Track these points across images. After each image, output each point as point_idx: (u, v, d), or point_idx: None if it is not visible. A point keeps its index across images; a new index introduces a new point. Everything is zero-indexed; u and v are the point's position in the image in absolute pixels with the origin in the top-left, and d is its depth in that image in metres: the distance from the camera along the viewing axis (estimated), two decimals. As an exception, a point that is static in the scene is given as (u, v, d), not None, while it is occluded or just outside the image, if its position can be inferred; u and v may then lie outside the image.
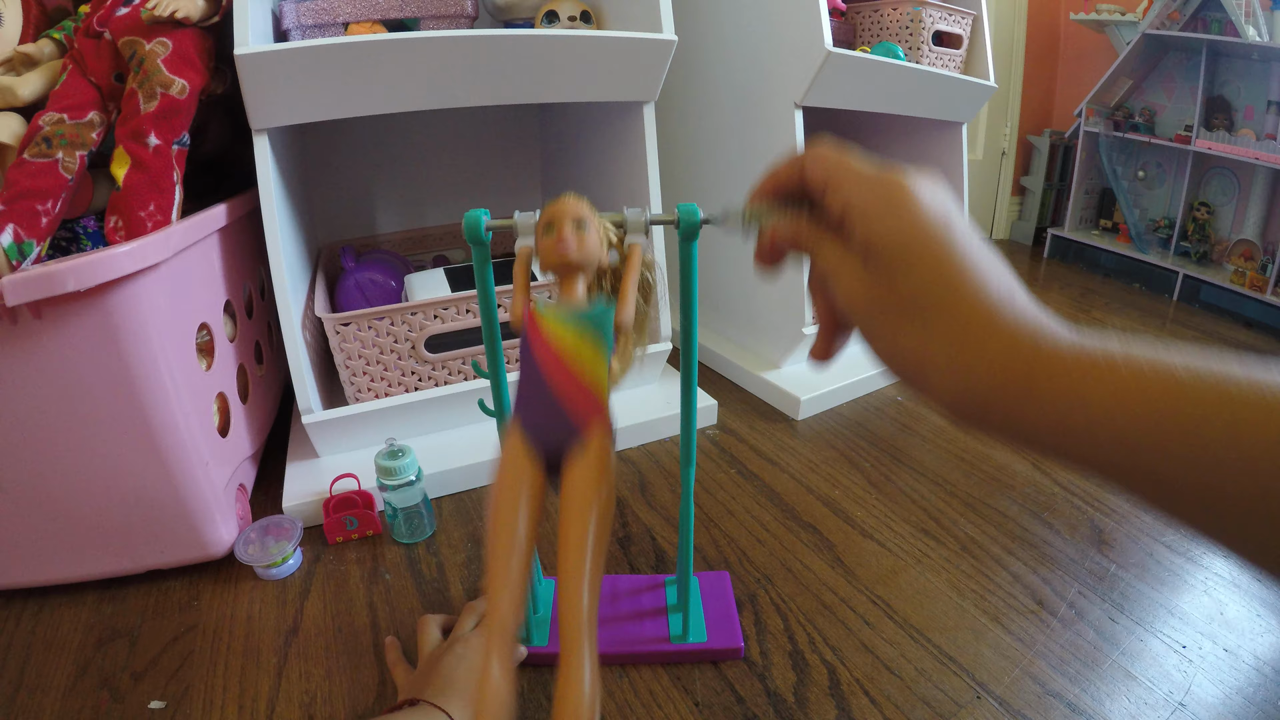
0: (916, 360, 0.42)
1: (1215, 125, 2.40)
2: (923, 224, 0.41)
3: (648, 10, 1.31)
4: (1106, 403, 0.35)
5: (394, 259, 1.62)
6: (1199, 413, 0.33)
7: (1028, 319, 0.40)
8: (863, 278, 0.43)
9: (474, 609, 0.94)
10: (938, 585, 1.07)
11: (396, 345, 1.31)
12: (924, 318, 0.41)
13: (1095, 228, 2.97)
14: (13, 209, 0.93)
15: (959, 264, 0.41)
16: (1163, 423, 0.34)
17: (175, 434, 0.99)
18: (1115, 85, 2.71)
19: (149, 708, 0.88)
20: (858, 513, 1.23)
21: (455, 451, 1.34)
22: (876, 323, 0.43)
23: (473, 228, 0.67)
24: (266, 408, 1.41)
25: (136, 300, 0.92)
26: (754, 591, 1.06)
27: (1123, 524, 1.20)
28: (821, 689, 0.90)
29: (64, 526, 1.01)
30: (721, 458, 1.41)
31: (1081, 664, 0.93)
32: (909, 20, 1.70)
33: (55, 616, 1.04)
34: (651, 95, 1.39)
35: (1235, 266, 2.38)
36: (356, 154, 1.86)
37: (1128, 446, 0.35)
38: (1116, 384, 0.35)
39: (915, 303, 0.41)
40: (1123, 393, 0.35)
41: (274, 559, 1.08)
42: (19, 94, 1.04)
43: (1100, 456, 0.36)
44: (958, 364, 0.40)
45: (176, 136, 1.07)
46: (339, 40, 1.10)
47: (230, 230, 1.26)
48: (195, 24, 1.10)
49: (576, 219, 0.60)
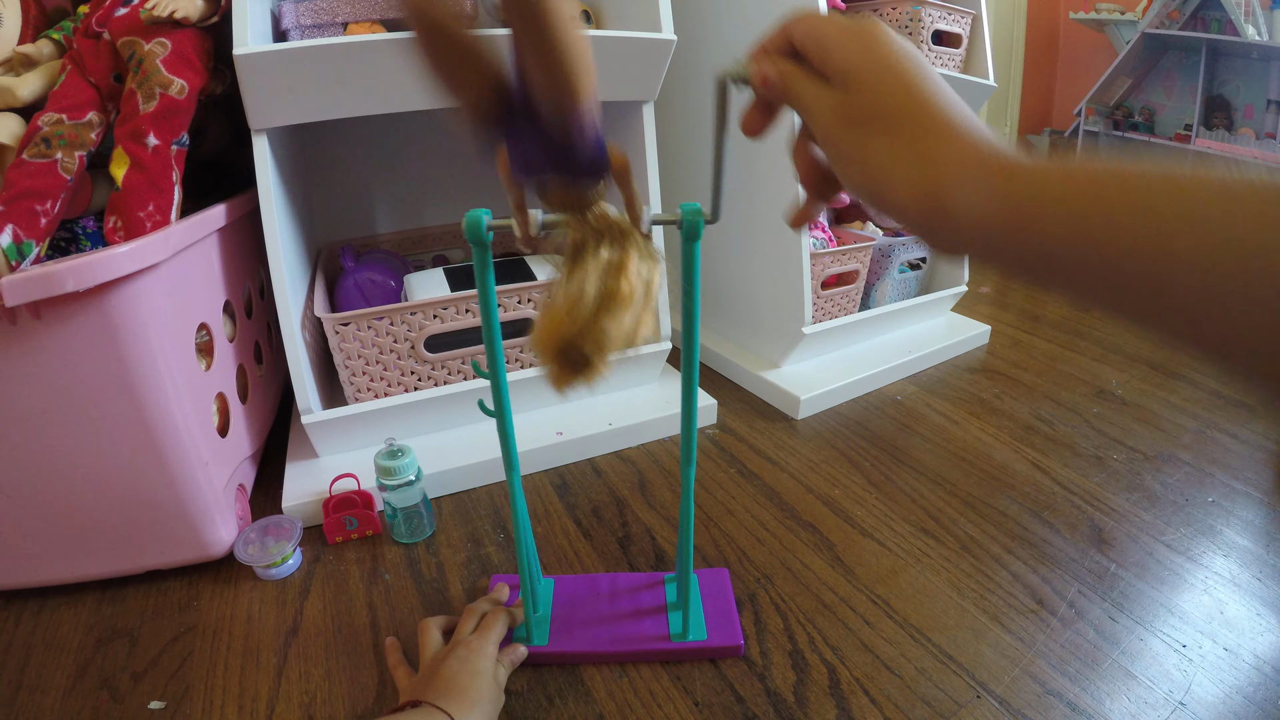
0: (882, 167, 0.44)
1: (1215, 124, 2.41)
2: (894, 53, 0.45)
3: (647, 10, 1.31)
4: (1064, 196, 0.37)
5: (393, 259, 1.62)
6: (1149, 200, 0.34)
7: (986, 135, 0.43)
8: (840, 101, 0.46)
9: (475, 611, 0.94)
10: (937, 584, 1.07)
11: (396, 345, 1.31)
12: (893, 126, 0.44)
13: (1095, 227, 2.97)
14: (12, 209, 0.93)
15: (925, 85, 0.44)
16: (1115, 210, 0.35)
17: (175, 434, 0.99)
18: (1115, 84, 2.71)
19: (149, 708, 0.89)
20: (857, 512, 1.23)
21: (455, 451, 1.34)
22: (848, 139, 0.46)
23: (473, 228, 0.67)
24: (266, 408, 1.41)
25: (136, 300, 0.92)
26: (754, 591, 1.06)
27: (1122, 523, 1.20)
28: (821, 688, 0.90)
29: (64, 527, 1.01)
30: (721, 457, 1.41)
31: (1081, 663, 0.93)
32: (908, 19, 1.70)
33: (55, 617, 1.04)
34: (651, 95, 1.39)
35: (1235, 265, 2.38)
36: (356, 154, 1.86)
37: (1084, 239, 0.36)
38: (1070, 180, 0.37)
39: (885, 114, 0.44)
40: (1078, 188, 0.36)
41: (274, 559, 1.08)
42: (18, 94, 1.04)
43: (1057, 255, 0.37)
44: (922, 165, 0.43)
45: (175, 137, 1.07)
46: (338, 40, 1.10)
47: (229, 230, 1.26)
48: (194, 24, 1.10)
49: None
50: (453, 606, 1.04)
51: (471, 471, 1.31)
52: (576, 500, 1.28)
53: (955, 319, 2.04)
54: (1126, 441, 1.45)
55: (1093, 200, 0.35)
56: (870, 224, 1.94)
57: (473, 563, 1.12)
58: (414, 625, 1.00)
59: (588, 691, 0.90)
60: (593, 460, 1.40)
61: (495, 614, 0.92)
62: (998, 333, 2.04)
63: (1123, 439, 1.46)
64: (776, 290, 1.65)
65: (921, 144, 0.43)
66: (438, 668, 0.83)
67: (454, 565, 1.12)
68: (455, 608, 1.03)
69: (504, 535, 1.18)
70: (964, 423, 1.53)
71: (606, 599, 1.01)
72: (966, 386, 1.71)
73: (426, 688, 0.80)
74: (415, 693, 0.81)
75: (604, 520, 1.22)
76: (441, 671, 0.82)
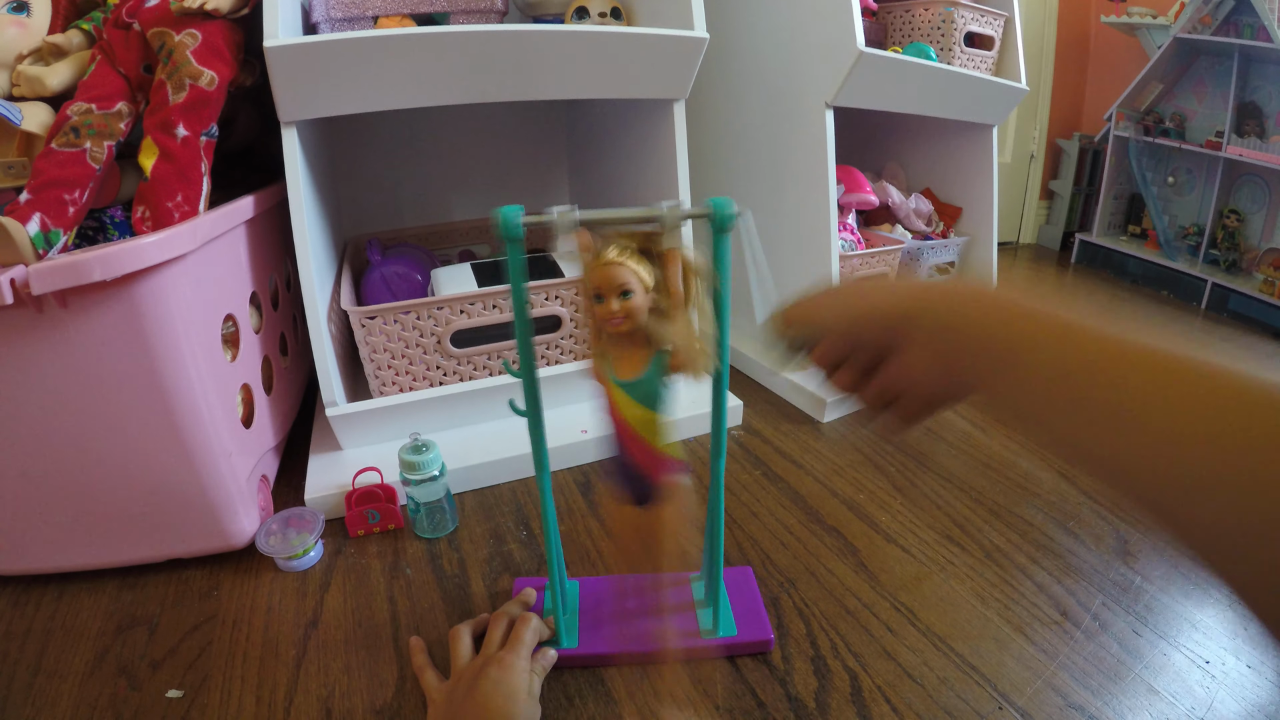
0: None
1: (1246, 132, 2.38)
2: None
3: (679, 7, 1.31)
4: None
5: (420, 253, 1.62)
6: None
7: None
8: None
9: (503, 617, 0.93)
10: (961, 593, 1.06)
11: (422, 339, 1.31)
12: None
13: (1123, 234, 2.95)
14: (40, 198, 0.93)
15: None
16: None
17: (199, 424, 1.00)
18: (1146, 89, 2.68)
19: (166, 696, 0.89)
20: (882, 517, 1.22)
21: (479, 447, 1.33)
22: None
23: (507, 225, 0.66)
24: (290, 399, 1.41)
25: (163, 291, 0.92)
26: (777, 595, 1.05)
27: (1148, 535, 1.18)
28: (843, 695, 0.89)
29: (86, 514, 1.02)
30: (746, 459, 1.40)
31: (1104, 677, 0.92)
32: (941, 21, 1.69)
33: (75, 603, 1.04)
34: (682, 93, 1.39)
35: (1265, 275, 2.36)
36: (383, 147, 1.86)
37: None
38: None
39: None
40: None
41: (295, 551, 1.08)
42: (47, 84, 1.05)
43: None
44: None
45: (205, 128, 1.07)
46: (368, 34, 1.10)
47: (257, 222, 1.26)
48: (224, 16, 1.10)
49: (621, 287, 0.66)
50: (474, 603, 1.04)
51: (495, 468, 1.31)
52: (600, 499, 1.27)
53: (982, 324, 2.02)
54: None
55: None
56: (899, 227, 1.93)
57: (495, 559, 1.12)
58: (435, 621, 1.00)
59: (608, 692, 0.89)
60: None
61: (524, 622, 0.91)
62: (1024, 339, 2.02)
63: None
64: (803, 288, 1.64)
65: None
66: (471, 691, 0.81)
67: (476, 561, 1.12)
68: (477, 604, 1.03)
69: (526, 532, 1.18)
70: (990, 429, 1.52)
71: (632, 599, 1.01)
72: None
73: (460, 712, 0.80)
74: (448, 713, 0.80)
75: (626, 520, 1.21)
76: (475, 696, 0.80)
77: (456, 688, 0.84)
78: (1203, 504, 0.35)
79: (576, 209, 0.65)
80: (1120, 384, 0.38)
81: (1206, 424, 0.34)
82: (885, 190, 1.91)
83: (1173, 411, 0.36)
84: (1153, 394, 0.37)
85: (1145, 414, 0.37)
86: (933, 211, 1.99)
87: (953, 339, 0.50)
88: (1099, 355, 0.40)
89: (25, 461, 0.97)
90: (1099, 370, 0.40)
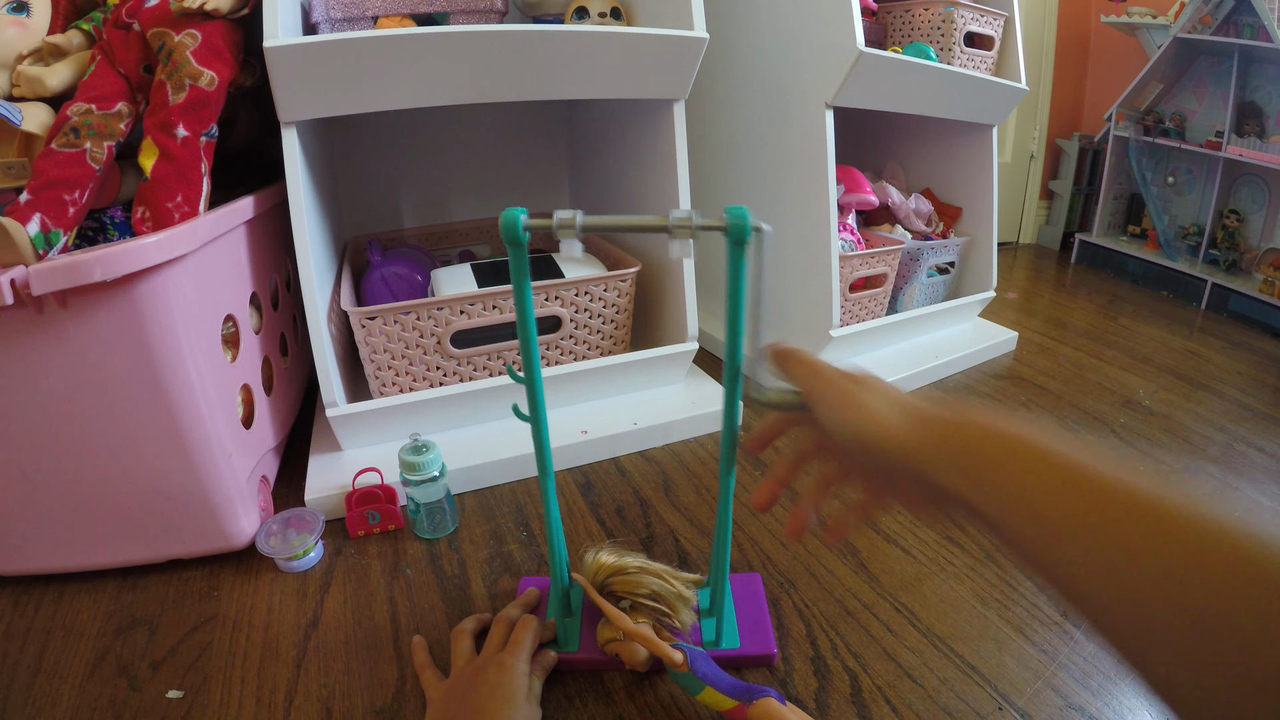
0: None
1: (1246, 132, 2.38)
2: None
3: (679, 7, 1.31)
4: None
5: (420, 253, 1.62)
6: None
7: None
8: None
9: (504, 620, 0.93)
10: (961, 594, 1.06)
11: (422, 340, 1.31)
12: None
13: (1123, 234, 2.95)
14: (40, 198, 0.93)
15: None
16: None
17: (199, 425, 0.99)
18: (1146, 89, 2.68)
19: (166, 697, 0.89)
20: (882, 518, 1.22)
21: (479, 447, 1.33)
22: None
23: (510, 227, 0.66)
24: (290, 400, 1.41)
25: (163, 291, 0.92)
26: (777, 596, 1.05)
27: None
28: (843, 696, 0.89)
29: (86, 514, 1.02)
30: (746, 459, 1.40)
31: (1104, 677, 0.92)
32: (940, 21, 1.69)
33: (75, 603, 1.04)
34: (682, 93, 1.38)
35: (1264, 275, 2.36)
36: (383, 148, 1.86)
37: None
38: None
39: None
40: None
41: (295, 551, 1.08)
42: (47, 84, 1.05)
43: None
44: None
45: (205, 128, 1.07)
46: (368, 34, 1.10)
47: (257, 222, 1.26)
48: (224, 16, 1.10)
49: (635, 636, 0.86)
50: (474, 603, 1.03)
51: (495, 468, 1.31)
52: (600, 500, 1.27)
53: (983, 324, 2.03)
54: (1153, 453, 1.44)
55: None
56: (899, 227, 1.93)
57: (495, 560, 1.12)
58: (435, 621, 1.00)
59: (608, 693, 0.89)
60: (617, 460, 1.40)
61: (525, 625, 0.90)
62: (1025, 339, 2.02)
63: (1149, 450, 1.45)
64: (805, 292, 1.64)
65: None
66: (469, 692, 0.81)
67: (476, 562, 1.12)
68: (477, 605, 1.03)
69: (526, 533, 1.18)
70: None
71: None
72: (993, 393, 1.70)
73: (458, 714, 0.79)
74: (446, 713, 0.80)
75: (628, 520, 1.22)
76: (473, 699, 0.80)
77: (455, 688, 0.84)
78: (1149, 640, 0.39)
79: (580, 214, 0.65)
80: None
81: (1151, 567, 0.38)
82: (885, 190, 1.90)
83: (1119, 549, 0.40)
84: (1111, 533, 0.41)
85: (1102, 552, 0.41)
86: (933, 212, 1.99)
87: (952, 493, 0.53)
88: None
89: (25, 462, 0.97)
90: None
